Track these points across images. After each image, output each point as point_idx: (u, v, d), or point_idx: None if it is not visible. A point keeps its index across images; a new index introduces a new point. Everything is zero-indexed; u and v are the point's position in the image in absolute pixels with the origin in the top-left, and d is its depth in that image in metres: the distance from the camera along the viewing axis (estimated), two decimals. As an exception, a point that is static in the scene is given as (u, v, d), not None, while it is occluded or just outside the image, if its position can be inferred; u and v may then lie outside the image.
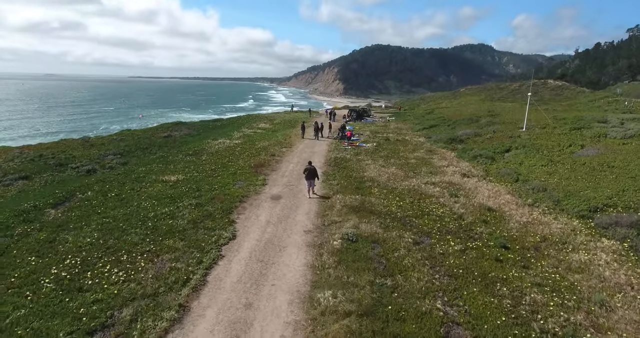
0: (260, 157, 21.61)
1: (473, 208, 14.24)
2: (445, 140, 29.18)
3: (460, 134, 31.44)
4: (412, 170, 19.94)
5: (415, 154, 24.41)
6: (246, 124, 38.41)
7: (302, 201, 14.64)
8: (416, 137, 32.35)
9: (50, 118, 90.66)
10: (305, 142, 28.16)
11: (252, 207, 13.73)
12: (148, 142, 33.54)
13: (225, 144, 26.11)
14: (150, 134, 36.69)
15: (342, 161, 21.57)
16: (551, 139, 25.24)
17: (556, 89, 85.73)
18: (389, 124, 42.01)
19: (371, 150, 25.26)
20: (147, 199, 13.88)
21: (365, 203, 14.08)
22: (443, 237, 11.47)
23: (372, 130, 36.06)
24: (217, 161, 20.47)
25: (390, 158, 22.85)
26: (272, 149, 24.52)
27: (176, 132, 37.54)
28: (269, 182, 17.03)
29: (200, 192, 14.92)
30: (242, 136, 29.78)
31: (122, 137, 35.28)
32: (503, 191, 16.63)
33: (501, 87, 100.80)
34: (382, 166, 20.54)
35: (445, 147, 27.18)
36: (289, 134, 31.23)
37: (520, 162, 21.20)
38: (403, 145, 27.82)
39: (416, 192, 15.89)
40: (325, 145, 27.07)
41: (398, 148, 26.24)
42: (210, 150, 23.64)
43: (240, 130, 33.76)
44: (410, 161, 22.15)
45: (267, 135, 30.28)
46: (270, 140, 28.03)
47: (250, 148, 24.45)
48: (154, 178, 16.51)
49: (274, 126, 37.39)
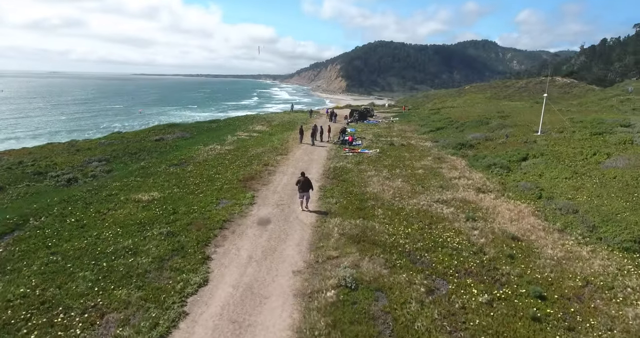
0: (251, 168, 19.42)
1: (494, 236, 12.00)
2: (454, 146, 26.86)
3: (470, 138, 29.10)
4: (420, 183, 17.68)
5: (423, 162, 22.13)
6: (242, 127, 36.21)
7: (294, 226, 12.46)
8: (422, 141, 30.04)
9: (54, 117, 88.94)
10: (303, 148, 25.93)
11: (234, 236, 11.55)
12: (138, 146, 31.49)
13: (216, 150, 23.93)
14: (141, 137, 34.64)
15: (342, 172, 19.35)
16: (571, 146, 22.88)
17: (564, 86, 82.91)
18: (392, 126, 39.70)
19: (374, 157, 23.01)
20: (111, 226, 11.73)
21: (367, 231, 11.88)
22: (462, 282, 9.26)
23: (375, 132, 33.77)
24: (203, 173, 18.31)
25: (395, 167, 20.60)
26: (266, 156, 22.32)
27: (169, 135, 35.43)
28: (257, 200, 14.84)
29: (176, 216, 12.76)
30: (235, 141, 27.60)
31: (111, 141, 33.25)
32: (526, 212, 14.36)
33: (507, 84, 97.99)
34: (386, 178, 18.29)
35: (454, 153, 24.88)
36: (286, 138, 29.01)
37: (541, 174, 18.89)
38: (409, 151, 25.54)
39: (426, 214, 13.66)
40: (325, 152, 24.83)
41: (403, 155, 23.97)
42: (198, 159, 21.47)
43: (235, 133, 31.58)
44: (417, 171, 19.89)
45: (262, 140, 28.07)
46: (265, 145, 25.83)
47: (242, 156, 22.26)
48: (126, 198, 14.35)
49: (271, 128, 35.16)
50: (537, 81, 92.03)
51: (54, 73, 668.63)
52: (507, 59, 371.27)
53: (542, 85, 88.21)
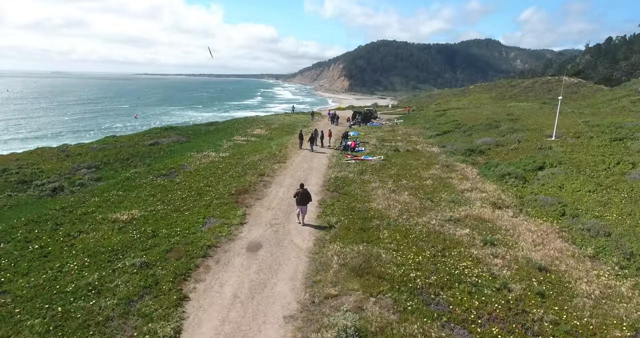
0: (245, 179, 17.84)
1: (518, 266, 10.37)
2: (462, 152, 25.18)
3: (479, 143, 27.40)
4: (428, 197, 16.03)
5: (431, 171, 20.48)
6: (240, 130, 34.65)
7: (288, 253, 10.87)
8: (429, 146, 28.36)
9: (56, 117, 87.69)
10: (303, 155, 24.33)
11: (219, 267, 9.99)
12: (130, 151, 30.02)
13: (210, 157, 22.39)
14: (135, 141, 33.17)
15: (344, 183, 17.73)
16: (591, 153, 21.15)
17: (571, 86, 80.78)
18: (397, 128, 38.02)
19: (378, 166, 21.38)
20: (78, 255, 10.19)
21: (371, 260, 10.27)
22: (487, 332, 7.65)
23: (378, 136, 32.12)
24: (193, 185, 16.75)
25: (402, 178, 18.96)
26: (263, 165, 20.74)
27: (164, 139, 33.94)
28: (249, 219, 13.26)
29: (154, 240, 11.21)
30: (231, 147, 26.04)
31: (103, 146, 31.80)
32: (550, 233, 12.72)
33: (512, 84, 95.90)
34: (392, 191, 16.66)
35: (464, 160, 23.20)
36: (285, 144, 27.41)
37: (561, 185, 17.20)
38: (415, 157, 23.88)
39: (438, 237, 12.03)
40: (325, 159, 23.22)
41: (409, 163, 22.32)
42: (189, 168, 19.93)
43: (232, 138, 30.03)
44: (425, 182, 18.24)
45: (260, 146, 26.50)
46: (262, 152, 24.25)
47: (237, 164, 20.70)
48: (102, 217, 12.81)
49: (270, 132, 33.58)
50: (544, 81, 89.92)
51: (57, 73, 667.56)
52: (510, 58, 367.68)
53: (548, 85, 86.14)
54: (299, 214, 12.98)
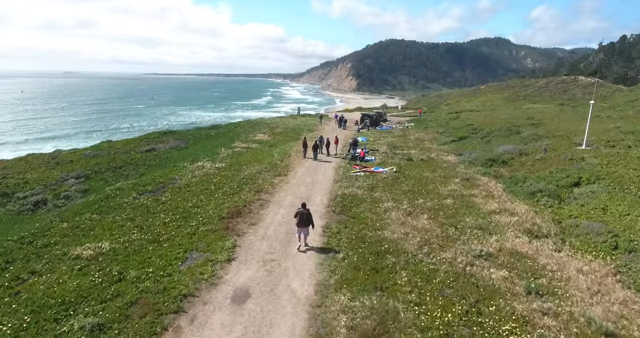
0: (240, 197, 15.63)
1: (578, 330, 7.97)
2: (483, 162, 22.69)
3: (500, 151, 24.86)
4: (451, 222, 13.64)
5: (450, 186, 18.05)
6: (242, 135, 32.51)
7: (283, 306, 8.62)
8: (444, 154, 25.87)
9: (64, 118, 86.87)
10: (307, 165, 22.05)
11: (192, 329, 7.77)
12: (124, 158, 28.15)
13: (205, 169, 20.25)
14: (131, 147, 31.30)
15: (352, 202, 15.42)
16: (632, 167, 18.53)
17: (589, 86, 77.19)
18: (408, 133, 35.54)
19: (390, 179, 19.01)
20: (17, 311, 8.05)
21: (387, 321, 7.97)
22: None
23: (389, 142, 29.70)
24: (179, 205, 14.61)
25: (418, 195, 16.59)
26: (261, 178, 18.53)
27: (162, 145, 32.00)
28: (239, 253, 11.03)
29: (119, 286, 9.04)
30: (229, 155, 23.88)
31: (97, 152, 29.95)
32: (606, 275, 10.25)
33: (526, 84, 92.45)
34: (407, 213, 14.31)
35: (485, 172, 20.71)
36: (288, 152, 25.15)
37: (604, 207, 14.67)
38: (430, 168, 21.45)
39: (468, 282, 9.66)
40: (331, 171, 20.91)
41: (425, 176, 19.90)
42: (179, 182, 17.80)
43: (233, 144, 27.90)
44: (445, 201, 15.84)
45: (260, 154, 24.28)
46: (262, 161, 22.04)
47: (233, 178, 18.50)
48: (64, 251, 10.69)
49: (273, 137, 31.37)
50: (559, 80, 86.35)
51: (68, 73, 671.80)
52: (520, 56, 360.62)
53: (564, 85, 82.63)
54: (300, 237, 11.25)
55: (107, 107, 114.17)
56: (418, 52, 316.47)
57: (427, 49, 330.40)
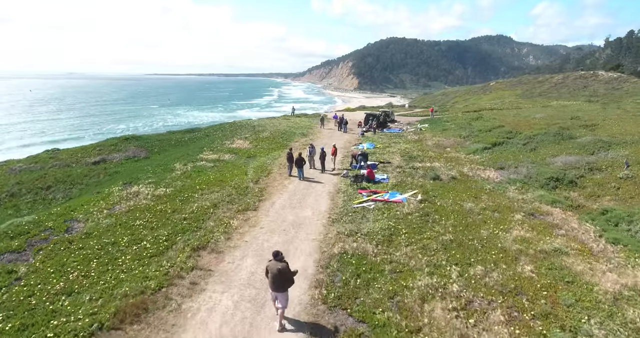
0: (161, 265, 8.67)
1: None
2: (542, 181, 15.67)
3: (559, 164, 17.84)
4: (558, 334, 6.67)
5: (513, 230, 11.01)
6: (217, 141, 25.53)
7: None
8: (478, 167, 18.80)
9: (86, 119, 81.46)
10: (291, 189, 15.06)
11: None
12: (60, 174, 21.44)
13: (137, 198, 13.33)
14: (79, 157, 24.51)
15: (358, 273, 8.44)
16: None
17: (611, 81, 69.73)
18: (423, 136, 28.43)
19: (417, 216, 11.99)
20: None
21: None
22: None
23: (402, 150, 22.65)
24: (43, 289, 7.71)
25: (468, 252, 9.60)
26: (215, 217, 11.58)
27: (117, 154, 25.10)
28: None
29: None
30: (186, 173, 16.90)
31: (29, 166, 23.14)
32: None
33: (540, 80, 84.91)
34: (463, 304, 7.36)
35: (553, 200, 13.66)
36: (269, 167, 18.13)
37: None
38: (470, 194, 14.40)
39: None
40: (325, 200, 13.87)
41: (466, 207, 12.85)
42: (78, 228, 10.88)
43: (198, 155, 20.93)
44: (518, 269, 8.83)
45: (230, 171, 17.28)
46: (229, 182, 15.08)
47: (170, 217, 11.54)
48: None
49: (255, 144, 24.32)
50: (576, 76, 78.81)
51: (71, 74, 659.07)
52: (523, 54, 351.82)
53: (583, 81, 75.15)
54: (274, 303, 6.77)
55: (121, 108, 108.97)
56: (419, 51, 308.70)
57: (429, 47, 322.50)
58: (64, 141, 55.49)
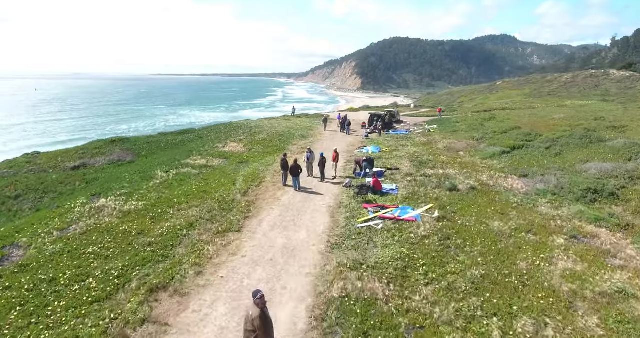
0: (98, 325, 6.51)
1: None
2: (577, 194, 13.33)
3: (592, 171, 15.49)
4: None
5: (558, 260, 8.73)
6: (209, 144, 23.36)
7: None
8: (499, 174, 16.44)
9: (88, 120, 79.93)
10: (285, 202, 12.82)
11: None
12: (33, 180, 19.43)
13: (105, 212, 11.18)
14: (59, 161, 22.50)
15: (361, 325, 6.22)
16: None
17: (623, 80, 66.90)
18: (432, 138, 26.09)
19: (435, 240, 9.73)
20: None
21: None
22: None
23: (411, 155, 20.37)
24: None
25: (500, 289, 7.35)
26: (188, 243, 9.39)
27: (100, 158, 23.02)
28: None
29: None
30: (164, 183, 14.72)
31: (4, 171, 21.15)
32: None
33: (548, 79, 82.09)
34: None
35: (596, 218, 11.32)
36: (262, 174, 15.91)
37: None
38: (495, 209, 12.09)
39: None
40: (324, 217, 11.61)
41: (493, 227, 10.56)
42: (18, 256, 8.74)
43: (184, 161, 18.75)
44: (587, 327, 6.56)
45: (216, 179, 15.08)
46: (213, 193, 12.89)
47: (134, 242, 9.36)
48: None
49: (249, 148, 22.11)
50: (586, 75, 75.94)
51: (76, 74, 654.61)
52: (527, 54, 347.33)
53: (594, 80, 72.31)
54: None
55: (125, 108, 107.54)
56: (423, 50, 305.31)
57: (432, 46, 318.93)
58: (68, 142, 53.83)
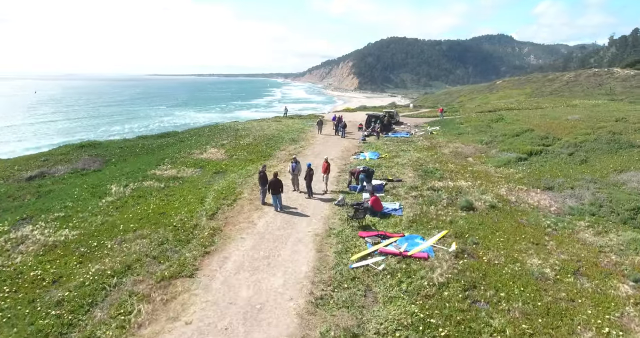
0: None
1: None
2: (623, 215, 10.72)
3: (635, 185, 12.89)
4: None
5: (638, 328, 6.14)
6: (184, 150, 20.59)
7: None
8: (520, 187, 13.79)
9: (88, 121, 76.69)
10: (261, 226, 10.11)
11: None
12: (-23, 194, 16.46)
13: (24, 246, 8.47)
14: (13, 171, 19.63)
15: None
16: None
17: (628, 79, 64.46)
18: (436, 142, 23.42)
19: (451, 290, 7.07)
20: None
21: None
22: None
23: (414, 162, 17.69)
24: None
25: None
26: (115, 295, 6.70)
27: (63, 166, 20.20)
28: None
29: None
30: (118, 201, 12.00)
31: (-55, 182, 18.26)
32: None
33: (550, 78, 79.65)
34: None
35: (658, 250, 8.74)
36: (239, 188, 13.18)
37: None
38: (529, 240, 9.44)
39: None
40: (309, 250, 8.89)
41: (526, 265, 7.93)
42: None
43: (152, 170, 16.03)
44: None
45: (181, 196, 12.35)
46: (174, 216, 10.18)
47: (47, 288, 6.67)
48: None
49: (231, 154, 19.36)
50: (589, 73, 73.51)
51: (70, 75, 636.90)
52: (523, 53, 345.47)
53: (597, 78, 69.87)
54: None
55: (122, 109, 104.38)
56: (420, 50, 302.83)
57: (430, 46, 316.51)
58: (57, 145, 50.80)
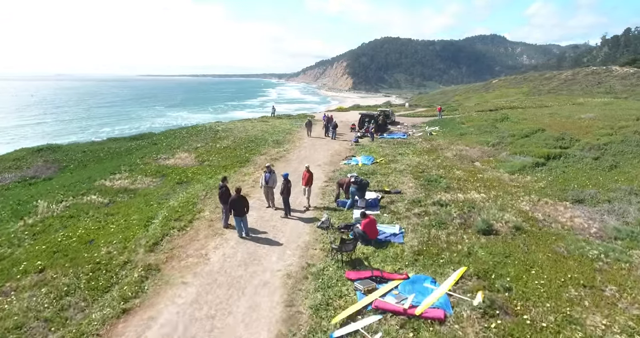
0: None
1: None
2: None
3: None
4: None
5: None
6: (150, 155, 17.82)
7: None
8: (545, 201, 11.31)
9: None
10: (216, 263, 7.43)
11: None
12: None
13: None
14: (-49, 178, 16.78)
15: None
16: None
17: (628, 77, 62.52)
18: (436, 144, 20.87)
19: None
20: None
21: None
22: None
23: (414, 168, 15.10)
24: None
25: None
26: None
27: (10, 173, 17.40)
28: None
29: None
30: (40, 223, 9.29)
31: None
32: None
33: (547, 77, 77.65)
34: None
35: None
36: (200, 205, 10.51)
37: None
38: (578, 283, 6.92)
39: None
40: (274, 304, 6.20)
41: (589, 329, 5.40)
42: None
43: (102, 179, 13.31)
44: None
45: (123, 216, 9.67)
46: (102, 247, 7.51)
47: None
48: None
49: (203, 159, 16.64)
50: (588, 72, 71.55)
51: (60, 75, 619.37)
52: (516, 53, 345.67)
53: (596, 77, 67.90)
54: None
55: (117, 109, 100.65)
56: (414, 50, 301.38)
57: (423, 46, 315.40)
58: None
